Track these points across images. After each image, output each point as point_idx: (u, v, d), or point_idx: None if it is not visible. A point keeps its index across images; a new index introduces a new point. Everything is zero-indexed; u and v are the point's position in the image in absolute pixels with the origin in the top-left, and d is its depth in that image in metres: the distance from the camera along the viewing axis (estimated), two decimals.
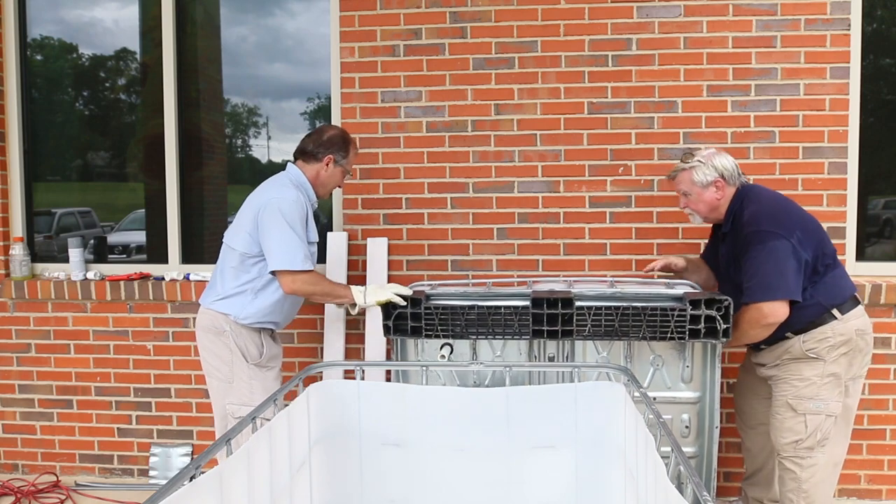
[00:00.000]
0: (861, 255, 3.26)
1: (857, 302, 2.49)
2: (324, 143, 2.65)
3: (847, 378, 2.47)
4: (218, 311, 2.56)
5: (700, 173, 2.53)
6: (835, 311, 2.43)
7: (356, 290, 2.55)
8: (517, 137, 3.21)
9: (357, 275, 3.30)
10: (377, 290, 2.53)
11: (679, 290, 2.54)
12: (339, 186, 2.78)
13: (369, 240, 3.29)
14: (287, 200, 2.50)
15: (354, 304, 2.58)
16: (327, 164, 2.65)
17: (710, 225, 2.79)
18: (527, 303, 2.46)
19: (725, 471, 3.22)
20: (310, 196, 2.64)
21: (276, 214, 2.47)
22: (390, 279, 3.28)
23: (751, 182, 2.67)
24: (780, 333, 2.44)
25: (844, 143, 3.09)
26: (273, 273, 2.52)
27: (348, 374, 3.10)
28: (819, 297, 2.42)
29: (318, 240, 2.64)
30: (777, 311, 2.35)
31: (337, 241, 3.29)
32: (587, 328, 2.43)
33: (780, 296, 2.34)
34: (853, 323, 2.44)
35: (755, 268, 2.37)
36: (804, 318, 2.42)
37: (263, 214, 2.49)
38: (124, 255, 3.73)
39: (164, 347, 3.45)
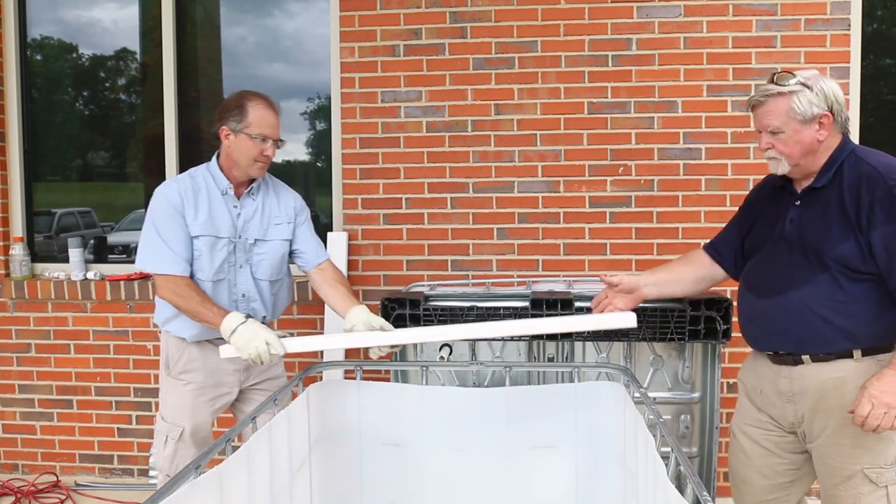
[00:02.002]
0: None
1: None
2: (217, 116, 2.27)
3: None
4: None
5: (804, 101, 1.80)
6: None
7: (228, 324, 2.08)
8: (517, 137, 3.21)
9: (357, 275, 3.30)
10: (242, 339, 2.04)
11: None
12: (262, 158, 2.24)
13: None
14: (156, 194, 2.24)
15: None
16: (227, 137, 2.23)
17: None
18: (526, 303, 2.46)
19: (725, 471, 3.21)
20: (217, 181, 2.28)
21: (149, 208, 2.25)
22: (389, 279, 3.28)
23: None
24: (841, 344, 1.81)
25: None
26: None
27: (348, 374, 3.10)
28: None
29: (216, 234, 2.25)
30: None
31: (337, 242, 3.29)
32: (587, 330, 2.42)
33: None
34: None
35: None
36: (886, 334, 1.79)
37: None
38: (124, 255, 3.73)
39: None
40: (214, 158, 2.32)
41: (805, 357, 1.85)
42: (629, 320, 1.97)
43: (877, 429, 1.71)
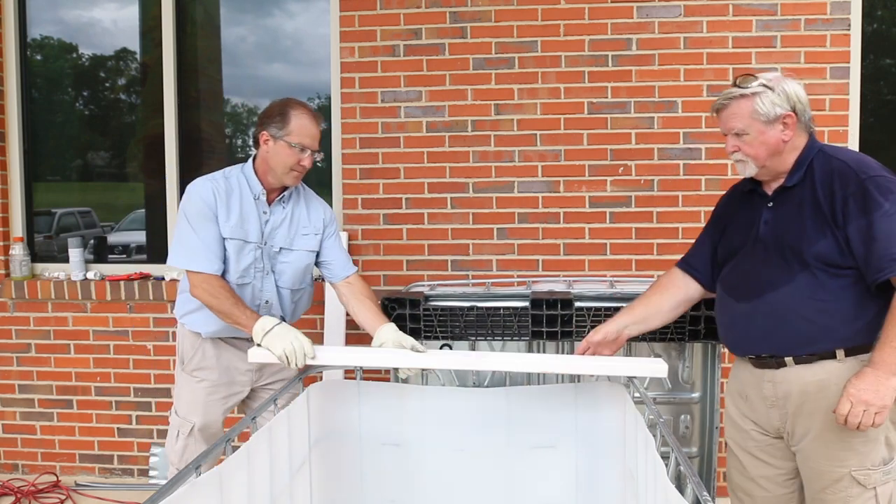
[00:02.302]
0: None
1: None
2: (259, 120, 2.28)
3: None
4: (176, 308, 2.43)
5: (766, 102, 1.80)
6: None
7: (260, 327, 2.07)
8: (517, 137, 3.21)
9: None
10: (278, 338, 2.04)
11: None
12: (299, 167, 2.23)
13: None
14: (190, 191, 2.22)
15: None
16: (266, 143, 2.22)
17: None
18: (526, 304, 2.46)
19: (725, 471, 3.21)
20: (251, 186, 2.27)
21: (182, 205, 2.25)
22: (389, 279, 3.28)
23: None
24: (823, 344, 1.79)
25: (844, 143, 3.09)
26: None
27: (348, 374, 3.09)
28: None
29: (245, 238, 2.24)
30: None
31: None
32: (587, 329, 2.42)
33: None
34: None
35: None
36: (867, 332, 1.75)
37: None
38: (124, 255, 3.73)
39: (164, 347, 3.45)
40: (250, 161, 2.29)
41: (788, 359, 1.83)
42: (661, 369, 1.93)
43: (859, 426, 1.71)
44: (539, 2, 3.16)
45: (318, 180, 3.56)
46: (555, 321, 2.43)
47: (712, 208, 2.16)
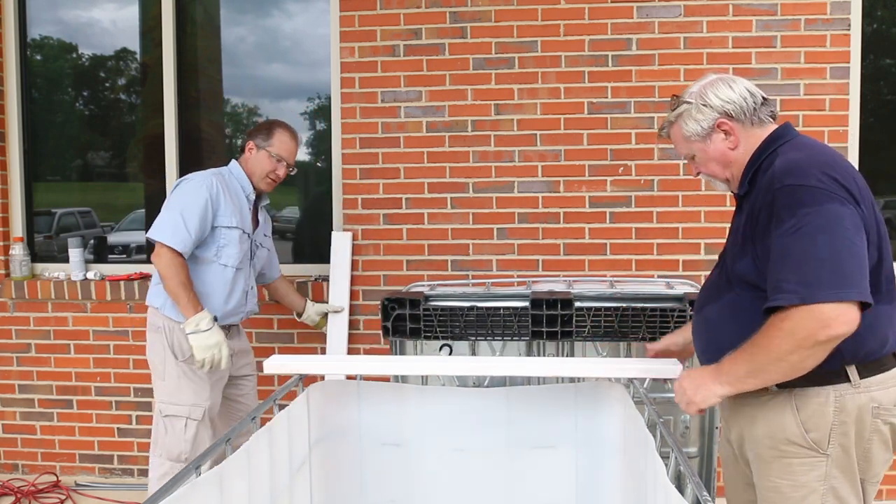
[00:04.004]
0: None
1: (893, 364, 1.59)
2: (247, 134, 2.68)
3: (863, 477, 1.62)
4: (150, 304, 2.53)
5: (690, 122, 1.69)
6: (851, 370, 1.54)
7: (193, 322, 2.36)
8: (517, 137, 3.21)
9: (357, 275, 3.30)
10: (214, 343, 2.38)
11: (679, 291, 2.54)
12: (275, 176, 2.62)
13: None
14: (190, 180, 2.49)
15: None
16: (250, 150, 2.61)
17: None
18: (526, 304, 2.46)
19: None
20: (243, 186, 2.60)
21: (175, 190, 2.49)
22: (389, 279, 3.27)
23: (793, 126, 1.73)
24: None
25: (844, 143, 3.09)
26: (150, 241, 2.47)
27: (348, 374, 3.09)
28: None
29: (240, 227, 2.53)
30: (847, 315, 1.41)
31: (340, 242, 3.29)
32: (587, 329, 2.43)
33: (853, 293, 1.41)
34: (873, 395, 1.55)
35: (805, 243, 1.44)
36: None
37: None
38: (124, 255, 3.73)
39: None
40: (235, 164, 2.62)
41: None
42: (675, 371, 1.88)
43: (688, 410, 1.62)
44: (539, 2, 3.16)
45: (318, 180, 3.56)
46: (555, 321, 2.43)
47: (712, 208, 2.16)
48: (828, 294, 1.40)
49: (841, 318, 1.41)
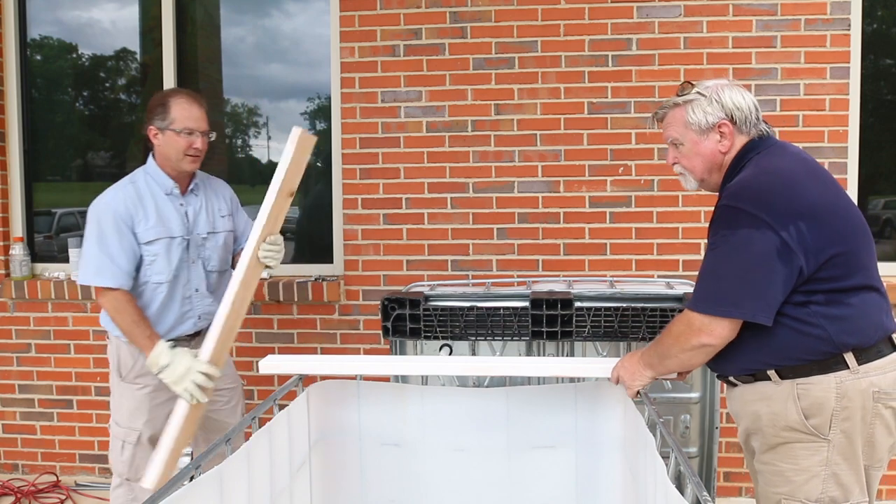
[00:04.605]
0: None
1: (891, 349, 1.65)
2: (145, 118, 2.32)
3: (867, 463, 1.67)
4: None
5: (698, 111, 1.74)
6: (849, 357, 1.61)
7: (154, 359, 2.14)
8: (517, 137, 3.21)
9: (357, 275, 3.30)
10: (181, 375, 2.07)
11: (679, 291, 2.54)
12: (195, 151, 2.29)
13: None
14: (98, 205, 2.26)
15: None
16: (155, 137, 2.29)
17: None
18: (526, 304, 2.46)
19: (725, 471, 3.22)
20: (160, 183, 2.33)
21: (89, 220, 2.26)
22: (389, 279, 3.27)
23: (776, 136, 1.81)
24: (755, 363, 1.68)
25: (844, 143, 3.09)
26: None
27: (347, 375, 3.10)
28: (829, 325, 1.59)
29: (170, 234, 2.30)
30: (714, 329, 1.61)
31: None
32: (587, 329, 2.43)
33: (724, 311, 1.61)
34: (872, 380, 1.61)
35: (711, 261, 1.66)
36: (797, 351, 1.62)
37: None
38: None
39: None
40: (151, 160, 2.35)
41: (732, 378, 1.77)
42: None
43: (628, 393, 1.87)
44: (539, 2, 3.16)
45: (319, 180, 3.56)
46: (555, 321, 2.43)
47: (712, 208, 2.15)
48: (705, 307, 1.63)
49: (707, 329, 1.63)
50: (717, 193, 1.79)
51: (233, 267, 2.48)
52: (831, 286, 1.59)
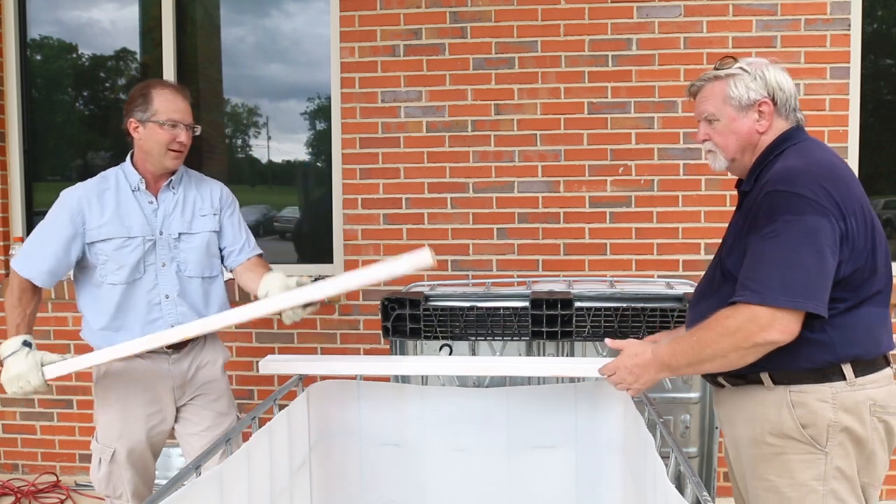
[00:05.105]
0: None
1: (885, 365, 1.59)
2: (124, 110, 2.14)
3: (866, 481, 1.59)
4: None
5: (740, 86, 1.64)
6: (846, 368, 1.54)
7: (3, 348, 2.01)
8: (517, 137, 3.21)
9: None
10: (16, 375, 1.95)
11: (679, 290, 2.54)
12: (176, 145, 2.12)
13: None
14: (60, 195, 2.15)
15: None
16: (136, 130, 2.10)
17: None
18: (526, 304, 2.46)
19: (725, 471, 3.21)
20: (129, 178, 2.15)
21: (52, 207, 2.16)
22: (388, 280, 3.27)
23: (805, 129, 1.70)
24: (751, 367, 1.55)
25: (844, 143, 3.09)
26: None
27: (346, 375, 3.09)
28: (833, 334, 1.51)
29: (126, 234, 2.10)
30: (788, 325, 1.46)
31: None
32: (587, 329, 2.43)
33: (800, 303, 1.45)
34: (869, 392, 1.54)
35: (776, 248, 1.47)
36: (796, 359, 1.53)
37: None
38: None
39: None
40: (129, 156, 2.18)
41: (720, 379, 1.68)
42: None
43: (629, 392, 1.75)
44: (539, 2, 3.16)
45: (318, 180, 3.56)
46: (555, 321, 2.43)
47: (712, 208, 2.16)
48: (781, 300, 1.44)
49: (779, 325, 1.45)
50: (739, 178, 1.73)
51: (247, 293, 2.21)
52: (853, 294, 1.51)
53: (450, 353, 2.58)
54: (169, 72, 3.47)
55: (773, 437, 1.58)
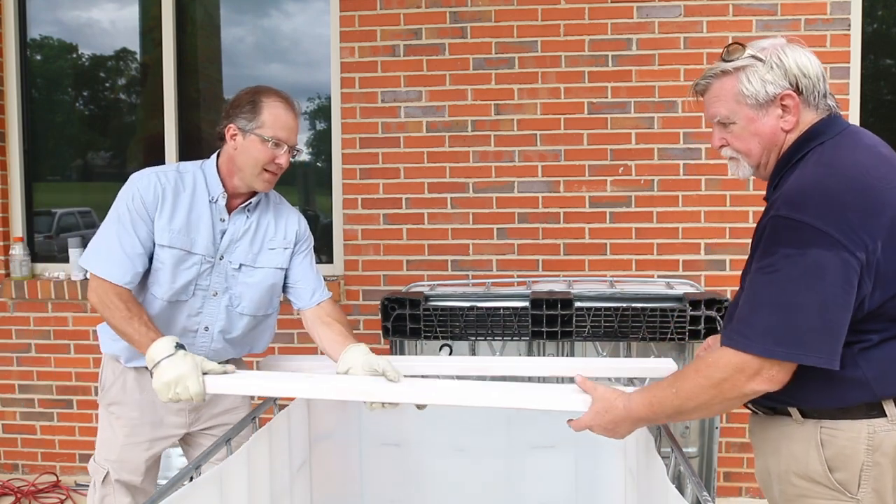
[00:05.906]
0: None
1: None
2: (224, 112, 1.88)
3: None
4: None
5: (754, 80, 1.35)
6: (888, 405, 1.31)
7: (150, 357, 1.66)
8: (517, 137, 3.21)
9: (357, 275, 3.30)
10: (159, 382, 1.63)
11: (679, 291, 2.54)
12: (273, 167, 1.84)
13: None
14: (131, 182, 1.84)
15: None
16: (233, 138, 1.83)
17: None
18: (526, 304, 2.46)
19: (725, 471, 3.22)
20: (210, 185, 1.88)
21: (118, 196, 1.85)
22: (389, 279, 3.27)
23: (840, 117, 1.41)
24: (781, 399, 1.36)
25: None
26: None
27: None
28: (868, 369, 1.30)
29: (189, 248, 1.84)
30: (776, 374, 1.27)
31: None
32: (587, 329, 2.43)
33: (793, 354, 1.25)
34: None
35: (770, 288, 1.28)
36: (828, 399, 1.33)
37: None
38: None
39: None
40: (213, 159, 1.91)
41: (750, 405, 1.46)
42: (669, 369, 1.79)
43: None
44: (539, 2, 3.16)
45: (318, 180, 3.56)
46: (555, 321, 2.43)
47: (712, 208, 2.15)
48: (764, 348, 1.26)
49: (766, 374, 1.27)
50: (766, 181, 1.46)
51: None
52: (890, 324, 1.29)
53: (450, 353, 2.58)
54: (169, 72, 3.47)
55: (798, 478, 1.39)
